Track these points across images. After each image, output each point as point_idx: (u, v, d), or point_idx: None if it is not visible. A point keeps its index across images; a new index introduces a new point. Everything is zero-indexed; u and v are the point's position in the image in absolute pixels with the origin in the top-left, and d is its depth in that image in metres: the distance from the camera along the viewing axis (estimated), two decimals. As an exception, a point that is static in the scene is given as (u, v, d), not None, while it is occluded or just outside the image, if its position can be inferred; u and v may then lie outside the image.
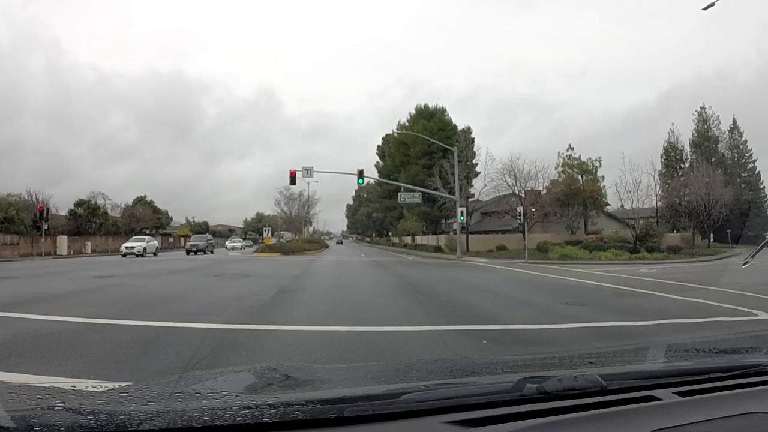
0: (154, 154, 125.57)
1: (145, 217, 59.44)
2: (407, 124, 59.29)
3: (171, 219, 77.42)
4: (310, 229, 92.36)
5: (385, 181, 52.59)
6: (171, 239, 67.13)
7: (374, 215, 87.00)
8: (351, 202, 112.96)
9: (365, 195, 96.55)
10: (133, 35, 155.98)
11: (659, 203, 38.82)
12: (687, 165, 51.23)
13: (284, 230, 67.29)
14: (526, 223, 31.56)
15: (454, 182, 37.44)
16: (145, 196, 65.94)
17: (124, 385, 1.47)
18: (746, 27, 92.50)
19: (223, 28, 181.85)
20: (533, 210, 34.42)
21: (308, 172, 34.13)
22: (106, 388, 1.45)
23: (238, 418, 1.13)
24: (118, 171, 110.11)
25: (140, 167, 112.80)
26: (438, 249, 42.97)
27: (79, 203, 50.48)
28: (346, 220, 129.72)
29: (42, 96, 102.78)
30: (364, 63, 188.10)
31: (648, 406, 1.30)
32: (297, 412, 1.17)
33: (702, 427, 1.21)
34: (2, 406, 1.15)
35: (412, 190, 39.85)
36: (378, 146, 69.64)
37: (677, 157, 52.84)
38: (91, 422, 1.09)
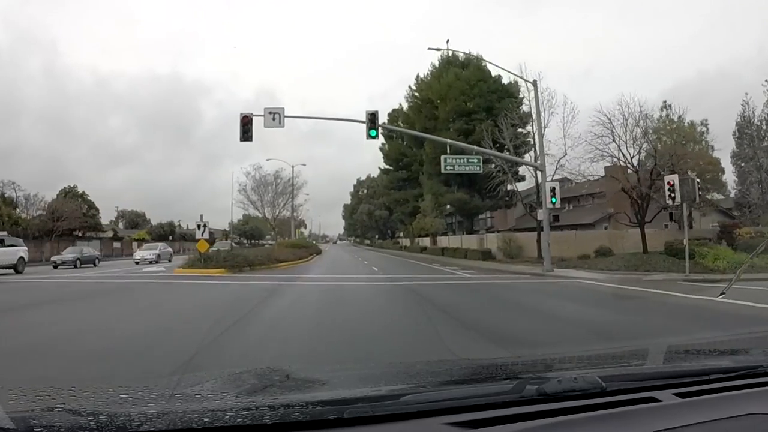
0: (152, 157, 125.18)
1: (72, 215, 43.99)
2: (426, 80, 42.54)
3: (149, 221, 70.01)
4: (306, 231, 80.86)
5: (420, 134, 31.11)
6: (118, 244, 52.13)
7: (377, 213, 75.12)
8: (349, 202, 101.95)
9: (365, 191, 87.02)
10: (133, 37, 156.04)
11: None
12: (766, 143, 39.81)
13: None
14: (684, 208, 18.80)
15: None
16: (75, 187, 50.34)
17: (124, 386, 1.47)
18: (751, 26, 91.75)
19: (224, 29, 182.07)
20: (701, 189, 20.03)
21: (275, 116, 19.44)
22: (106, 390, 1.45)
23: (238, 420, 1.14)
24: (116, 174, 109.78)
25: (139, 171, 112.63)
26: (487, 255, 29.44)
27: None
28: (343, 222, 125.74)
29: (39, 98, 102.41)
30: (365, 65, 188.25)
31: (648, 407, 1.30)
32: (297, 414, 1.17)
33: (702, 429, 1.21)
34: (2, 407, 1.15)
35: (463, 151, 23.83)
36: (383, 125, 54.04)
37: (754, 134, 40.67)
38: (91, 423, 1.09)
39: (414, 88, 44.66)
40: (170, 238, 59.24)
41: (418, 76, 44.71)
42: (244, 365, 4.65)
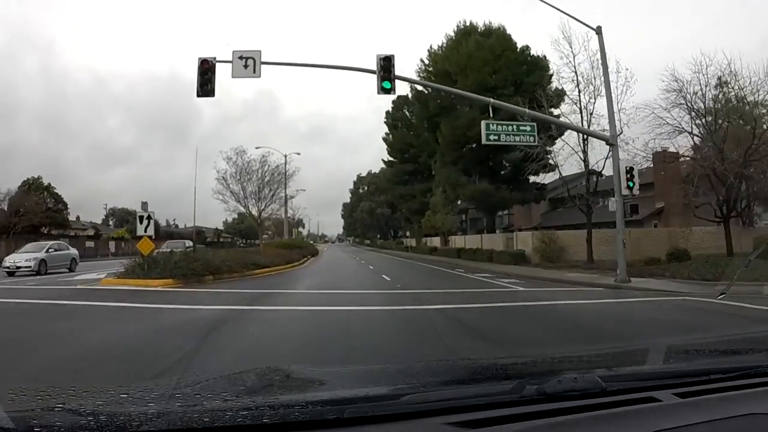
0: (150, 157, 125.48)
1: (34, 210, 39.00)
2: (440, 52, 35.48)
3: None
4: (304, 231, 78.15)
5: (451, 89, 24.50)
6: (92, 244, 45.86)
7: (379, 211, 71.67)
8: (348, 200, 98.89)
9: (366, 187, 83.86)
10: (130, 38, 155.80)
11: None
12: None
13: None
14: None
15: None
16: (39, 178, 44.85)
17: (124, 386, 1.47)
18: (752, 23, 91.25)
19: (222, 30, 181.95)
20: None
21: (247, 63, 14.43)
22: (106, 390, 1.45)
23: (238, 420, 1.14)
24: (114, 175, 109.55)
25: (137, 171, 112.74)
26: (520, 258, 25.27)
27: None
28: (342, 221, 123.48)
29: (36, 98, 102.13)
30: (365, 62, 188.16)
31: (648, 407, 1.30)
32: (296, 414, 1.17)
33: (702, 429, 1.21)
34: (2, 407, 1.15)
35: (516, 113, 17.93)
36: (387, 113, 45.66)
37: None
38: (91, 423, 1.09)
39: (427, 62, 36.97)
40: (154, 237, 53.87)
41: (431, 47, 37.07)
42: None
